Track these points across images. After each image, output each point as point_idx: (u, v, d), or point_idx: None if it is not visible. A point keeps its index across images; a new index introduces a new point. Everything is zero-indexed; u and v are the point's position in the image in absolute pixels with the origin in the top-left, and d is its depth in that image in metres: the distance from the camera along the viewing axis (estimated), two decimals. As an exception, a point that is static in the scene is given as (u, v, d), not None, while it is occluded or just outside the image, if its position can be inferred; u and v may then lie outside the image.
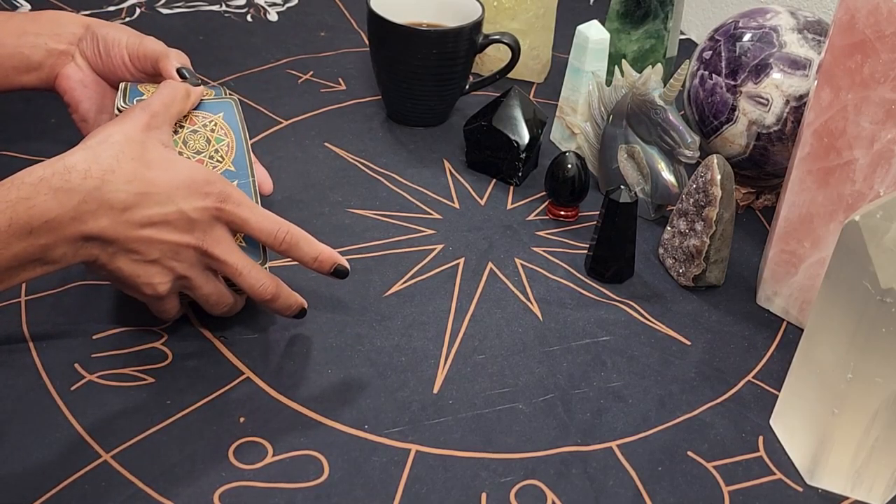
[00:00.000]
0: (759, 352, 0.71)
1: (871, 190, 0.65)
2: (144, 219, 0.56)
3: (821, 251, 0.69)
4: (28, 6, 1.05)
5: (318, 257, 0.63)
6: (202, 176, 0.59)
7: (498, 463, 0.60)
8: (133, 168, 0.56)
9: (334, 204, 0.81)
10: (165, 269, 0.59)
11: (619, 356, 0.69)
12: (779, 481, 0.61)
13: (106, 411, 0.59)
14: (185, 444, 0.58)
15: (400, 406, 0.63)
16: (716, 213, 0.72)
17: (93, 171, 0.55)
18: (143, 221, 0.56)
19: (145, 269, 0.58)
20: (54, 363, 0.62)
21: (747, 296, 0.76)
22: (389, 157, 0.88)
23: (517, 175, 0.85)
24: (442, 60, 0.88)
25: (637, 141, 0.81)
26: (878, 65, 0.62)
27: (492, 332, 0.70)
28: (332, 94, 0.96)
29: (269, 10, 1.12)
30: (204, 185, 0.58)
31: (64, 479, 0.55)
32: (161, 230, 0.57)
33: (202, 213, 0.58)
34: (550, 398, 0.65)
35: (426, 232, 0.79)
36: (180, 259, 0.59)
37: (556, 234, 0.81)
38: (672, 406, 0.65)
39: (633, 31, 0.96)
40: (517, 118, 0.85)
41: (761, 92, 0.78)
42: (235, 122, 0.67)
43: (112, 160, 0.56)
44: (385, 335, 0.68)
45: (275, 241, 0.61)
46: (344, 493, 0.56)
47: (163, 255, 0.58)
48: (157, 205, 0.57)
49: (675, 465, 0.61)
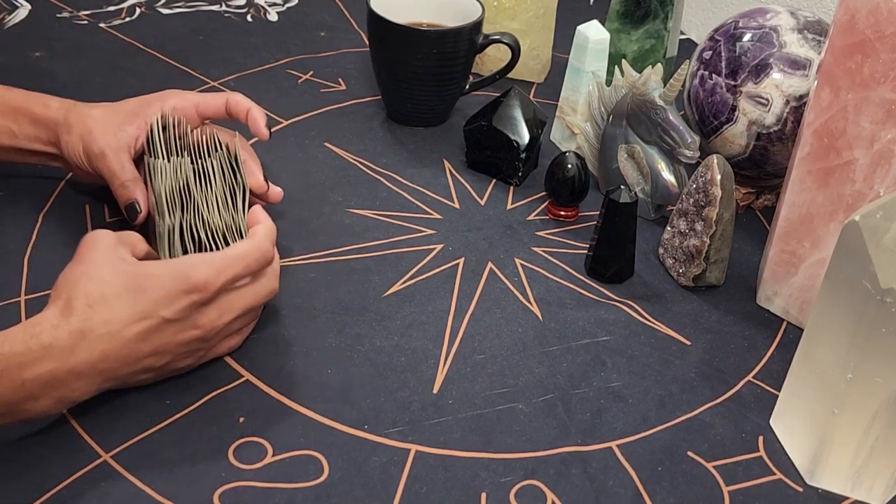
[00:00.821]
0: (759, 352, 0.71)
1: (871, 190, 0.65)
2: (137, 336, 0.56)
3: (821, 251, 0.69)
4: (28, 6, 1.06)
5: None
6: (169, 275, 0.56)
7: (498, 463, 0.60)
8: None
9: (334, 204, 0.81)
10: (186, 357, 0.60)
11: (619, 356, 0.69)
12: (779, 481, 0.61)
13: (106, 411, 0.59)
14: (185, 444, 0.58)
15: (400, 406, 0.63)
16: (716, 213, 0.72)
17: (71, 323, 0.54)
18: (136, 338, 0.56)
19: (163, 371, 0.59)
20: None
21: (747, 296, 0.76)
22: (389, 157, 0.88)
23: (517, 175, 0.85)
24: (442, 60, 0.88)
25: (637, 141, 0.81)
26: (878, 65, 0.62)
27: (492, 332, 0.70)
28: (332, 94, 0.96)
29: (269, 10, 1.12)
30: (173, 285, 0.56)
31: (64, 479, 0.55)
32: (154, 338, 0.56)
33: (182, 310, 0.56)
34: (550, 398, 0.65)
35: (426, 232, 0.79)
36: (193, 348, 0.59)
37: (556, 234, 0.81)
38: (672, 406, 0.65)
39: (633, 31, 0.96)
40: (517, 118, 0.85)
41: (761, 92, 0.78)
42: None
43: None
44: (385, 335, 0.68)
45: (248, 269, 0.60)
46: (344, 493, 0.56)
47: (175, 356, 0.58)
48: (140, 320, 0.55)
49: (675, 465, 0.61)
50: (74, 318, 0.53)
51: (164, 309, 0.55)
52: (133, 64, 0.97)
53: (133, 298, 0.55)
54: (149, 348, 0.56)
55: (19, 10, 1.05)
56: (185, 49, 1.01)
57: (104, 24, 1.04)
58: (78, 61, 0.96)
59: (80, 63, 0.96)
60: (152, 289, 0.55)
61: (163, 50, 1.00)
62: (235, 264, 0.58)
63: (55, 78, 0.93)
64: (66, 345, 0.53)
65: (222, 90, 0.94)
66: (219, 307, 0.58)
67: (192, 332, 0.58)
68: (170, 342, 0.57)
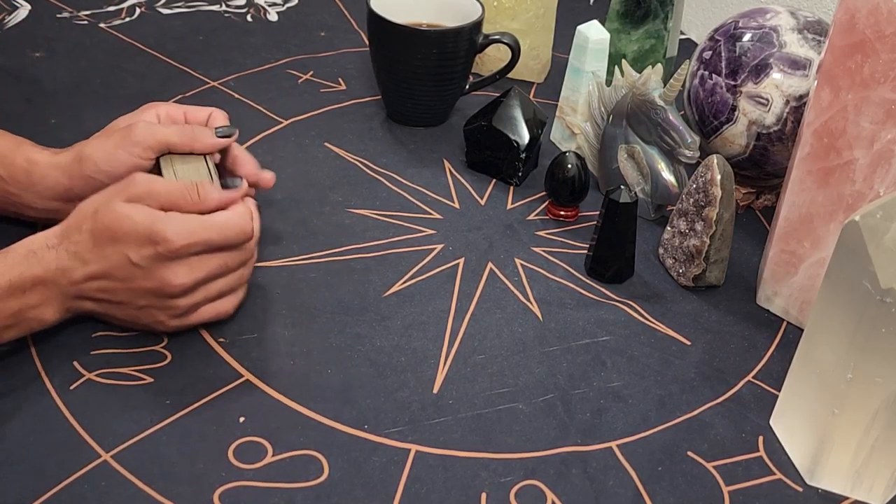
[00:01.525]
0: (759, 352, 0.71)
1: (871, 190, 0.65)
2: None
3: (821, 251, 0.69)
4: (28, 6, 1.06)
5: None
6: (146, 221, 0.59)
7: (498, 463, 0.60)
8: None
9: (334, 204, 0.81)
10: (150, 311, 0.62)
11: (619, 356, 0.69)
12: (779, 481, 0.61)
13: (106, 411, 0.59)
14: (185, 444, 0.58)
15: (400, 406, 0.63)
16: (716, 213, 0.72)
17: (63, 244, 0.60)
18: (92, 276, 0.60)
19: (134, 314, 0.63)
20: (54, 362, 0.62)
21: (747, 296, 0.76)
22: (389, 157, 0.88)
23: (517, 175, 0.85)
24: (442, 60, 0.88)
25: (637, 141, 0.81)
26: (878, 65, 0.62)
27: (492, 332, 0.70)
28: (332, 94, 0.96)
29: (269, 10, 1.12)
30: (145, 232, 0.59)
31: (64, 479, 0.55)
32: (119, 274, 0.60)
33: (147, 258, 0.59)
34: (550, 398, 0.65)
35: (426, 232, 0.79)
36: (151, 302, 0.62)
37: (556, 234, 0.81)
38: (672, 406, 0.65)
39: (633, 31, 0.96)
40: (517, 118, 0.85)
41: (761, 92, 0.78)
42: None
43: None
44: (385, 335, 0.68)
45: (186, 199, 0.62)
46: (344, 493, 0.56)
47: (137, 305, 0.62)
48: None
49: (675, 465, 0.61)
50: (64, 245, 0.60)
51: (132, 251, 0.59)
52: (133, 64, 0.97)
53: (112, 238, 0.59)
54: (115, 282, 0.60)
55: (19, 11, 1.05)
56: (185, 49, 1.01)
57: (104, 24, 1.04)
58: (78, 61, 0.96)
59: (80, 63, 0.96)
60: (122, 236, 0.59)
61: (163, 50, 1.00)
62: (209, 231, 0.60)
63: (55, 78, 0.93)
64: (53, 257, 0.59)
65: (222, 90, 0.95)
66: (178, 273, 0.60)
67: (147, 283, 0.60)
68: (130, 284, 0.60)
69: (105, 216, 0.59)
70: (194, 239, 0.60)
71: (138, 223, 0.59)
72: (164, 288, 0.60)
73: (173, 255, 0.59)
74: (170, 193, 0.61)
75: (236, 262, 0.63)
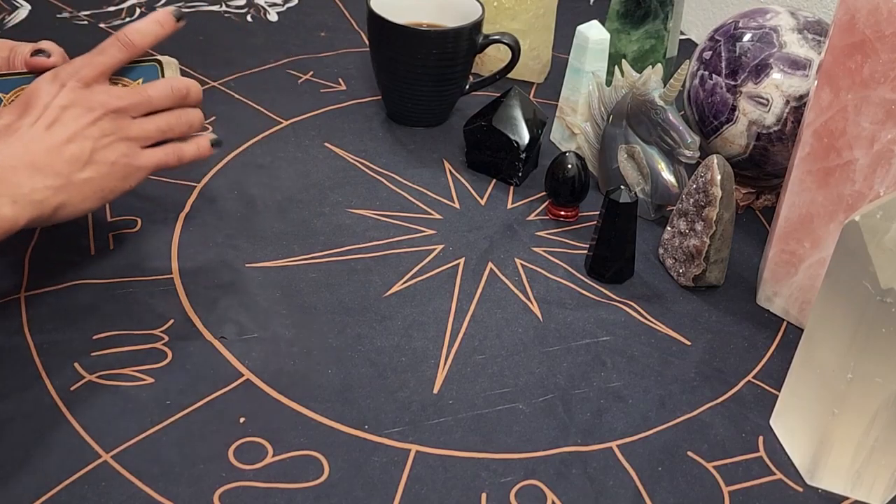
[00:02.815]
0: (759, 352, 0.71)
1: (871, 190, 0.65)
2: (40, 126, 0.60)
3: (821, 251, 0.69)
4: (28, 6, 1.06)
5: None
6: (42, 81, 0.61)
7: (498, 463, 0.60)
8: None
9: (334, 204, 0.81)
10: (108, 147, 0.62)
11: (619, 356, 0.69)
12: (779, 481, 0.61)
13: (106, 411, 0.59)
14: (185, 444, 0.58)
15: (400, 406, 0.63)
16: (716, 213, 0.72)
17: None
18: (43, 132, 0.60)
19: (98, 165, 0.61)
20: (54, 363, 0.62)
21: (747, 296, 0.76)
22: (389, 157, 0.88)
23: (517, 175, 0.85)
24: (442, 60, 0.88)
25: (637, 141, 0.81)
26: (878, 65, 0.62)
27: (492, 332, 0.70)
28: (332, 95, 0.96)
29: (269, 10, 1.12)
30: (53, 75, 0.61)
31: (64, 479, 0.55)
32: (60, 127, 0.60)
33: (69, 94, 0.60)
34: (550, 398, 0.65)
35: (426, 232, 0.79)
36: (108, 131, 0.61)
37: (556, 234, 0.81)
38: (672, 406, 0.65)
39: (633, 31, 0.96)
40: (517, 118, 0.85)
41: (761, 92, 0.78)
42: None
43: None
44: (385, 335, 0.68)
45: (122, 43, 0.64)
46: (344, 493, 0.56)
47: (93, 141, 0.61)
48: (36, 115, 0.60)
49: (675, 465, 0.61)
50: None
51: (54, 99, 0.60)
52: (133, 64, 0.97)
53: (26, 108, 0.60)
54: (61, 134, 0.60)
55: (19, 11, 1.05)
56: (185, 49, 1.01)
57: (104, 24, 1.04)
58: (78, 61, 0.96)
59: (80, 63, 0.96)
60: (35, 94, 0.60)
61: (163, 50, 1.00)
62: (93, 55, 0.63)
63: (55, 78, 0.93)
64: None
65: (222, 90, 0.95)
66: (104, 90, 0.62)
67: (89, 115, 0.61)
68: (76, 125, 0.60)
69: (15, 102, 0.61)
70: (86, 61, 0.62)
71: (40, 82, 0.61)
72: (99, 107, 0.61)
73: (85, 82, 0.61)
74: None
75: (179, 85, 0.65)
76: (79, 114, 0.61)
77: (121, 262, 0.72)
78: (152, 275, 0.71)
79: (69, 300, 0.68)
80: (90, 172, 0.61)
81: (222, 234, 0.76)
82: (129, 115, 0.63)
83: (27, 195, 0.57)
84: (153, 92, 0.64)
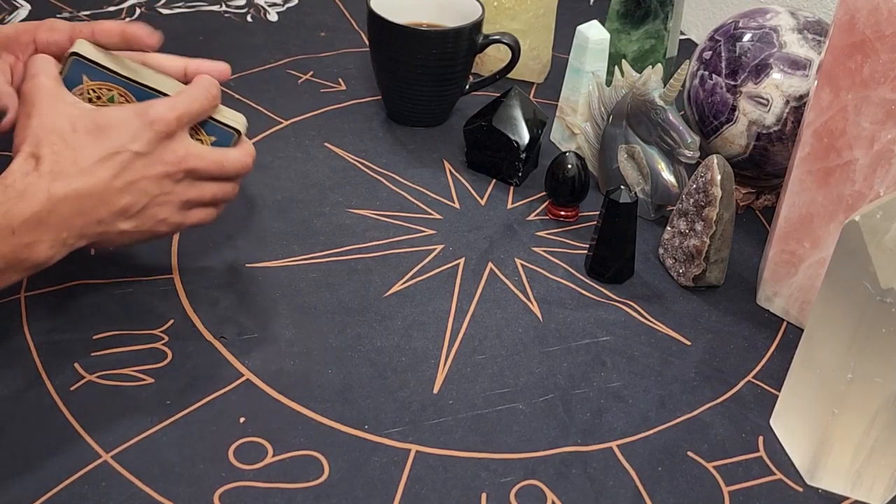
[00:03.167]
0: (759, 352, 0.71)
1: (871, 190, 0.65)
2: (108, 170, 0.57)
3: (821, 251, 0.69)
4: (28, 6, 1.06)
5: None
6: (129, 114, 0.59)
7: (498, 463, 0.60)
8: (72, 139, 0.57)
9: (334, 204, 0.81)
10: (162, 205, 0.60)
11: (619, 356, 0.69)
12: (779, 481, 0.61)
13: (106, 411, 0.59)
14: (185, 444, 0.58)
15: (400, 406, 0.63)
16: (716, 213, 0.72)
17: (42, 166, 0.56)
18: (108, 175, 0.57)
19: (143, 219, 0.60)
20: (54, 363, 0.62)
21: (747, 296, 0.76)
22: (389, 157, 0.88)
23: (517, 175, 0.85)
24: (442, 60, 0.88)
25: (637, 141, 0.81)
26: (878, 65, 0.62)
27: (492, 332, 0.70)
28: (332, 95, 0.96)
29: (269, 10, 1.12)
30: (145, 109, 0.59)
31: (64, 479, 0.55)
32: (126, 175, 0.58)
33: (151, 143, 0.59)
34: (550, 398, 0.65)
35: (426, 232, 0.79)
36: (168, 190, 0.60)
37: (556, 234, 0.81)
38: (672, 406, 0.65)
39: (633, 31, 0.96)
40: (517, 118, 0.85)
41: (761, 92, 0.78)
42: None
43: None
44: (385, 335, 0.68)
45: (210, 99, 0.63)
46: (344, 494, 0.56)
47: (150, 198, 0.60)
48: (108, 156, 0.57)
49: (675, 465, 0.61)
50: (44, 165, 0.55)
51: (132, 143, 0.58)
52: (133, 64, 0.97)
53: (97, 138, 0.57)
54: (122, 184, 0.58)
55: (19, 11, 1.05)
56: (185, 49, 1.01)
57: (104, 24, 1.04)
58: (78, 61, 0.96)
59: (80, 63, 0.96)
60: (115, 126, 0.58)
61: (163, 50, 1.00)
62: (189, 102, 0.61)
63: (55, 78, 0.93)
64: (42, 186, 0.55)
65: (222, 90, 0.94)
66: (185, 144, 0.60)
67: (160, 168, 0.59)
68: (142, 177, 0.58)
69: (88, 118, 0.58)
70: (182, 109, 0.60)
71: (126, 113, 0.58)
72: (174, 164, 0.59)
73: (171, 131, 0.59)
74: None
75: (235, 155, 0.64)
76: (149, 164, 0.59)
77: (121, 262, 0.72)
78: (152, 275, 0.71)
79: (69, 300, 0.68)
80: (132, 224, 0.60)
81: (222, 234, 0.76)
82: (195, 178, 0.62)
83: (64, 240, 0.57)
84: (229, 165, 0.63)
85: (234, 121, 0.65)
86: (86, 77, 0.62)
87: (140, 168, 0.58)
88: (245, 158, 0.64)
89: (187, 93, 0.62)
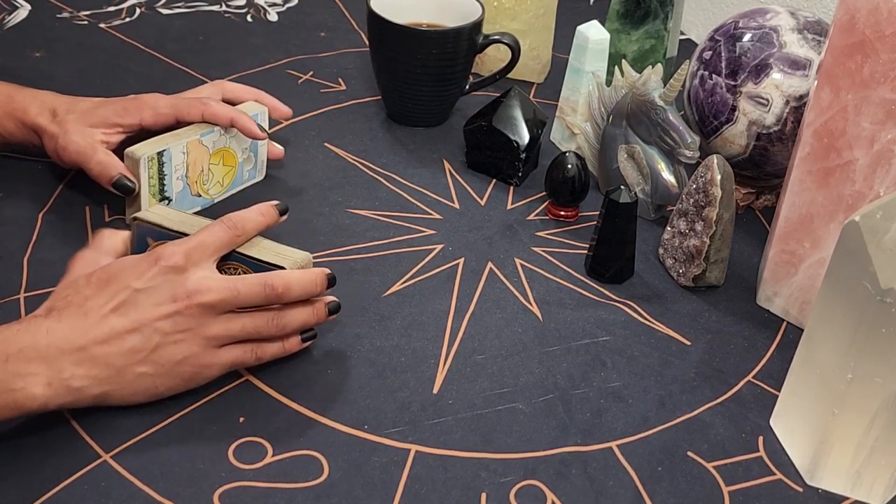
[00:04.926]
0: (759, 352, 0.71)
1: (871, 190, 0.65)
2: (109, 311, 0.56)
3: (821, 251, 0.69)
4: (28, 6, 1.06)
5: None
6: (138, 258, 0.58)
7: (498, 463, 0.60)
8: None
9: (334, 204, 0.81)
10: (178, 343, 0.57)
11: (619, 356, 0.69)
12: (779, 481, 0.61)
13: (106, 411, 0.59)
14: (185, 444, 0.58)
15: (400, 406, 0.63)
16: (716, 214, 0.72)
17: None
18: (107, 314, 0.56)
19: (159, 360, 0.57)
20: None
21: (747, 296, 0.76)
22: (389, 157, 0.88)
23: (517, 175, 0.85)
24: (442, 60, 0.88)
25: (637, 141, 0.81)
26: (878, 65, 0.62)
27: (491, 332, 0.70)
28: (332, 95, 0.96)
29: (269, 10, 1.12)
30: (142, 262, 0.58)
31: (64, 479, 0.55)
32: (131, 313, 0.56)
33: (156, 277, 0.57)
34: (550, 398, 0.65)
35: (426, 232, 0.79)
36: (182, 327, 0.57)
37: (556, 234, 0.81)
38: (672, 406, 0.65)
39: (633, 31, 0.96)
40: (517, 118, 0.85)
41: (761, 92, 0.78)
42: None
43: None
44: (385, 335, 0.68)
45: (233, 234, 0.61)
46: (344, 493, 0.56)
47: (162, 336, 0.57)
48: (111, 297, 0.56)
49: (675, 465, 0.61)
50: (54, 311, 0.56)
51: (135, 281, 0.57)
52: (133, 64, 0.97)
53: (106, 283, 0.57)
54: (127, 322, 0.56)
55: (19, 11, 1.05)
56: (185, 49, 1.01)
57: (104, 24, 1.04)
58: (78, 61, 0.96)
59: (80, 63, 0.96)
60: (123, 270, 0.58)
61: (163, 50, 1.00)
62: (202, 237, 0.59)
63: (55, 78, 0.93)
64: (43, 323, 0.55)
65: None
66: (196, 279, 0.57)
67: (169, 305, 0.56)
68: (149, 315, 0.56)
69: (103, 270, 0.58)
70: (192, 244, 0.58)
71: (136, 258, 0.58)
72: (183, 299, 0.56)
73: (178, 266, 0.57)
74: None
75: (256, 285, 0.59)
76: (157, 301, 0.56)
77: (121, 262, 0.71)
78: (152, 275, 0.71)
79: (69, 300, 0.68)
80: (147, 368, 0.57)
81: (222, 234, 0.76)
82: (215, 312, 0.57)
83: (66, 380, 0.54)
84: (242, 287, 0.58)
85: (283, 259, 0.61)
86: (150, 239, 0.62)
87: (145, 305, 0.56)
88: (260, 279, 0.58)
89: (206, 229, 0.59)
